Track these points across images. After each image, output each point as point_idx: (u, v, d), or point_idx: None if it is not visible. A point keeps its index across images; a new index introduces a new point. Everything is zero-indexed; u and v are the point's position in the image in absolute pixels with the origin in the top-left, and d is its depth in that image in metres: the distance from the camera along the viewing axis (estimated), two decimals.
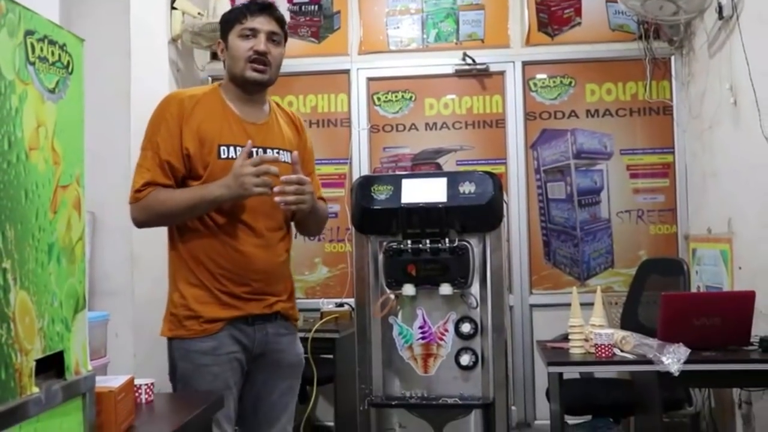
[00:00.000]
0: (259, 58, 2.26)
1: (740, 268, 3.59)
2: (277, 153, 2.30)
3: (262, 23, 2.28)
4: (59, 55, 1.34)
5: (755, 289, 2.73)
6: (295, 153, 2.29)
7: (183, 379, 2.23)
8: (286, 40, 2.37)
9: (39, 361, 1.25)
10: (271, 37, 2.29)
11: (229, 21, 2.32)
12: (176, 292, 2.24)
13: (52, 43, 1.32)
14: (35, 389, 1.23)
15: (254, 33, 2.27)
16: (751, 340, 2.67)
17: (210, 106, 2.28)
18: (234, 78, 2.31)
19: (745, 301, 2.66)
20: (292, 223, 2.43)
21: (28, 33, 1.25)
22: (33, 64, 1.26)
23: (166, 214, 2.20)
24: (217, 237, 2.21)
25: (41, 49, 1.29)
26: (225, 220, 2.21)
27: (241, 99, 2.32)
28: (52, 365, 1.30)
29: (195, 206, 2.18)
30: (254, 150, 2.22)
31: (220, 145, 2.23)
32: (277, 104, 2.48)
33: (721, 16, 3.65)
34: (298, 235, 2.53)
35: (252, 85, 2.30)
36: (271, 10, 2.32)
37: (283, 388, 2.35)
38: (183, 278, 2.23)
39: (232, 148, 2.23)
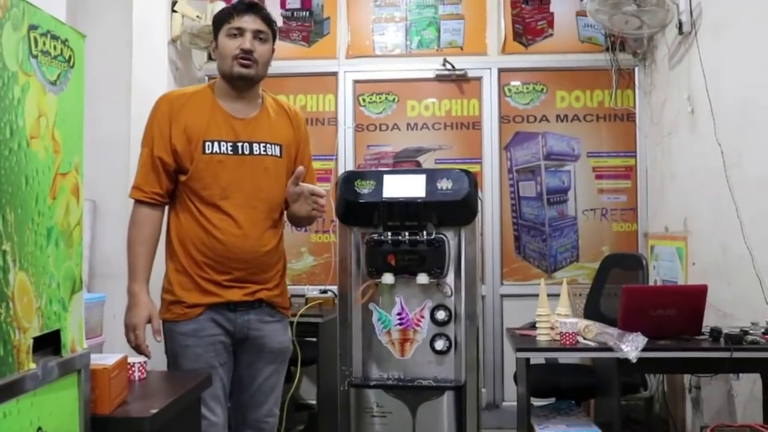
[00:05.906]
0: (245, 56, 2.21)
1: (694, 264, 3.61)
2: (264, 146, 2.27)
3: (248, 22, 2.23)
4: (61, 49, 1.32)
5: (707, 283, 2.74)
6: (300, 168, 2.22)
7: (172, 358, 2.23)
8: (275, 37, 2.32)
9: (36, 339, 1.23)
10: (257, 35, 2.24)
11: (218, 21, 2.28)
12: (166, 278, 2.25)
13: (54, 37, 1.29)
14: (32, 365, 1.21)
15: (241, 32, 2.22)
16: (703, 330, 2.68)
17: (199, 104, 2.25)
18: (224, 75, 2.27)
19: (698, 294, 2.67)
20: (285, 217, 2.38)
21: (32, 27, 1.23)
22: (36, 57, 1.24)
23: (128, 242, 2.23)
24: (202, 227, 2.19)
25: (44, 43, 1.26)
26: (210, 212, 2.19)
27: (231, 96, 2.27)
28: (49, 343, 1.28)
29: (129, 263, 2.20)
30: (240, 144, 2.22)
31: (204, 141, 2.20)
32: (274, 99, 2.43)
33: (681, 32, 3.66)
34: (288, 225, 2.45)
35: (239, 80, 2.24)
36: (256, 9, 2.26)
37: (267, 373, 2.31)
38: (172, 265, 2.24)
39: (216, 144, 2.21)
